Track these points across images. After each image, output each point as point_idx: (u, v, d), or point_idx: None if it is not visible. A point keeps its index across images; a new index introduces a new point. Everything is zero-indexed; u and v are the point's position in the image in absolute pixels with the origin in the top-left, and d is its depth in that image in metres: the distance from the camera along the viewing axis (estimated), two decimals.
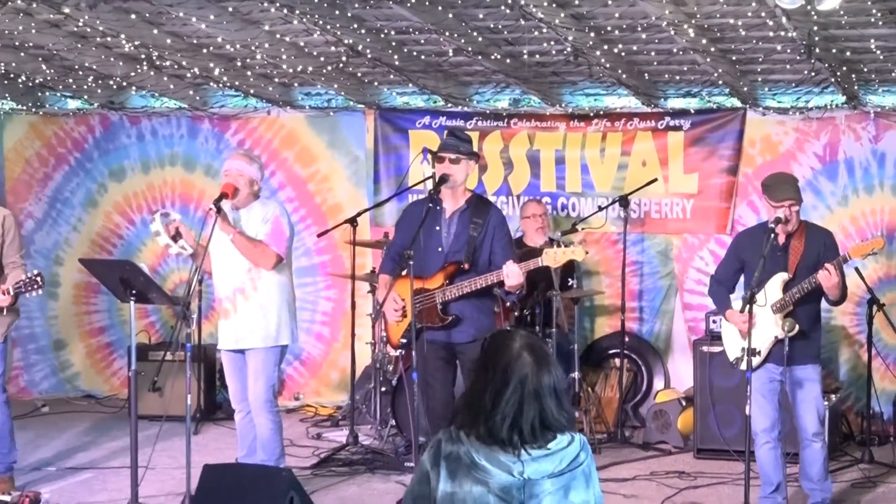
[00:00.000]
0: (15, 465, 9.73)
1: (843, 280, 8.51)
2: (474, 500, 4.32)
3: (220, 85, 12.08)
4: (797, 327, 8.47)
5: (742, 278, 8.82)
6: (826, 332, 10.56)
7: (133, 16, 9.64)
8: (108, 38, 10.48)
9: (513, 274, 8.55)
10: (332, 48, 10.56)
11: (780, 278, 8.56)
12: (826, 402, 9.17)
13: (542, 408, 4.36)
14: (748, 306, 8.25)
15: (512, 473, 4.31)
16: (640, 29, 9.62)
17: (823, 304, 8.72)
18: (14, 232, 9.59)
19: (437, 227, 8.85)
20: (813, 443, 8.62)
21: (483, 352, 4.50)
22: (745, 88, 11.19)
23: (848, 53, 10.00)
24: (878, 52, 9.84)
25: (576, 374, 11.23)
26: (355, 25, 9.91)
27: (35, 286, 9.21)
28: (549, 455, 4.35)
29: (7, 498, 8.89)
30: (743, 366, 8.32)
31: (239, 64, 11.35)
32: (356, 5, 9.30)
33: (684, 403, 11.14)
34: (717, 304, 9.08)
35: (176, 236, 8.94)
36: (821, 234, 8.78)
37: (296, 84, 12.18)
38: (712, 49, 9.98)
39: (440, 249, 8.82)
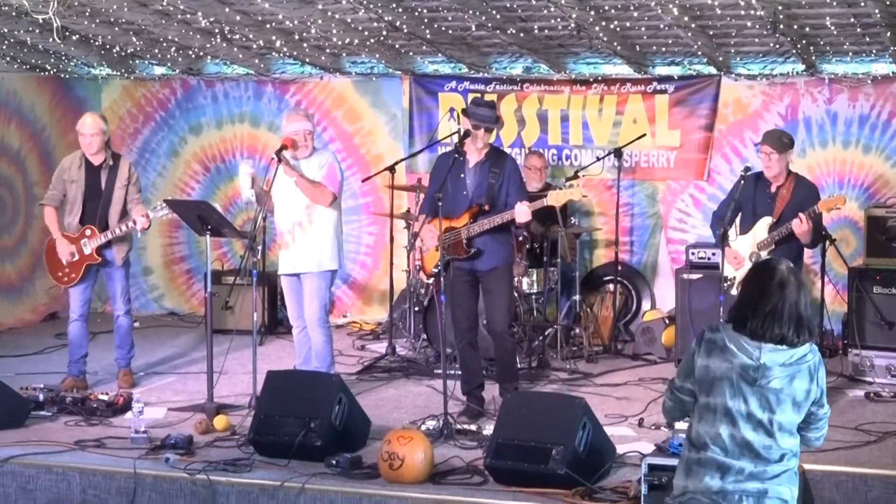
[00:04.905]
0: (133, 361, 10.03)
1: (816, 229, 8.46)
2: (721, 372, 4.80)
3: (281, 55, 12.04)
4: None
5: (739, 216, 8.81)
6: None
7: None
8: (188, 16, 10.47)
9: (522, 213, 8.58)
10: (375, 24, 10.52)
11: (765, 221, 8.54)
12: None
13: (799, 316, 4.79)
14: (723, 238, 8.24)
15: (751, 357, 4.76)
16: (632, 8, 9.56)
17: None
18: (137, 176, 9.87)
19: (462, 176, 8.85)
20: None
21: (755, 273, 4.96)
22: (720, 58, 11.09)
23: (807, 29, 9.91)
24: (833, 28, 9.75)
25: (577, 297, 11.26)
26: (394, 5, 9.86)
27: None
28: (782, 351, 4.78)
29: (105, 397, 8.92)
30: (734, 291, 8.30)
31: (296, 37, 11.31)
32: None
33: (667, 322, 11.11)
34: (716, 238, 9.03)
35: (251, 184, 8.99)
36: (806, 186, 8.73)
37: (344, 54, 12.12)
38: (693, 25, 9.91)
39: (465, 194, 8.82)
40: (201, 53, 12.09)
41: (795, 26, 9.84)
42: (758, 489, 4.75)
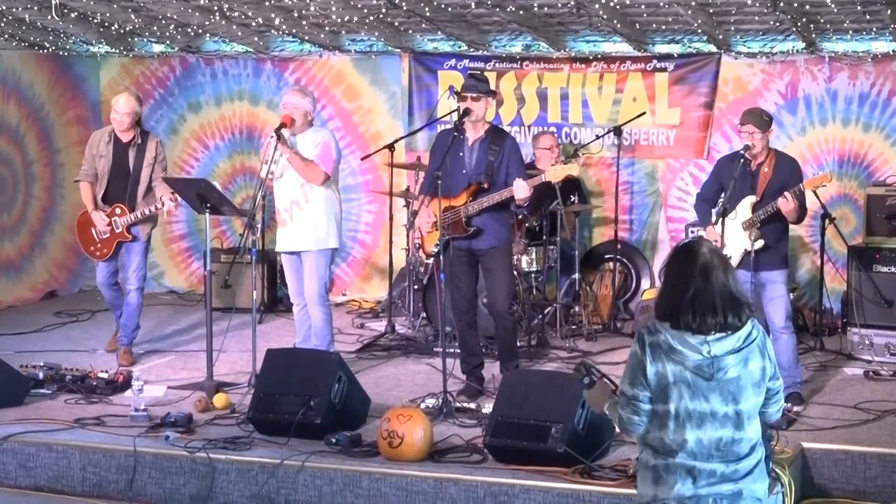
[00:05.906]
0: (135, 341, 10.23)
1: (802, 206, 8.41)
2: (675, 376, 4.56)
3: (280, 32, 12.01)
4: (762, 241, 8.38)
5: (722, 197, 8.75)
6: None
7: None
8: None
9: (521, 188, 8.55)
10: (374, 1, 10.49)
11: (749, 200, 8.47)
12: None
13: (732, 297, 4.55)
14: (721, 219, 8.20)
15: (701, 353, 4.54)
16: None
17: None
18: (164, 154, 10.15)
19: (461, 154, 8.82)
20: (782, 334, 8.41)
21: (675, 258, 4.70)
22: (720, 36, 11.06)
23: (807, 7, 9.87)
24: (833, 5, 9.72)
25: (576, 275, 11.24)
26: None
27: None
28: (728, 336, 4.56)
29: (104, 375, 8.94)
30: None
31: (296, 14, 11.28)
32: None
33: None
34: (700, 219, 9.00)
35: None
36: (787, 162, 8.65)
37: (343, 32, 12.09)
38: (693, 3, 9.88)
39: (464, 172, 8.79)
40: (200, 31, 12.06)
41: (795, 4, 9.81)
42: (732, 491, 4.59)
